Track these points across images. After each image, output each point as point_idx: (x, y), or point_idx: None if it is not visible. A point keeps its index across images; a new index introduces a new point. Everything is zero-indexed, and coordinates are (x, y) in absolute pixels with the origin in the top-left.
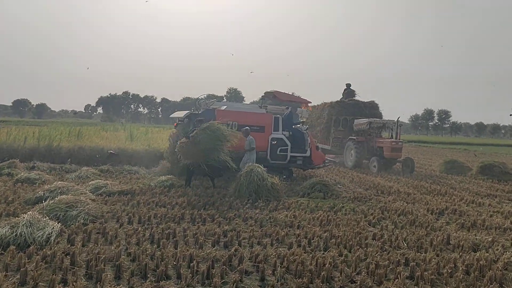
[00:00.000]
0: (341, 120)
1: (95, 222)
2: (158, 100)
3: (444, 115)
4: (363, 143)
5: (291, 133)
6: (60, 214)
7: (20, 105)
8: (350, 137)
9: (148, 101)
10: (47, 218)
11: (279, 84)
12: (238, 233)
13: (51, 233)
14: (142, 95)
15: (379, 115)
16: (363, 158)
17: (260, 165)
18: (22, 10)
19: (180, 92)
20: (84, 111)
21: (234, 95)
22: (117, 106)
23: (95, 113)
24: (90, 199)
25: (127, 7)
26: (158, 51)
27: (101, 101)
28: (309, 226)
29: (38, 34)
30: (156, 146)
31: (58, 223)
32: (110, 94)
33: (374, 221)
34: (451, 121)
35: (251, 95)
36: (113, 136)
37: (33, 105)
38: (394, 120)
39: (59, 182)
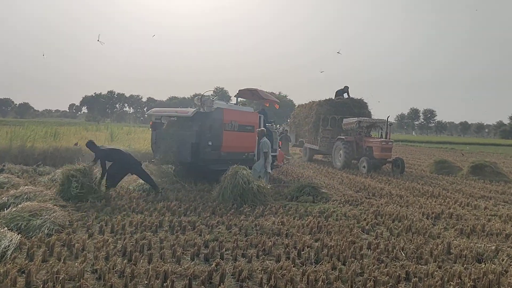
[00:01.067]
0: (329, 119)
1: (61, 233)
2: (144, 99)
3: (430, 114)
4: (352, 143)
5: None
6: (21, 223)
7: (3, 105)
8: (339, 136)
9: (133, 100)
10: (6, 228)
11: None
12: (220, 244)
13: (8, 246)
14: (127, 95)
15: (368, 114)
16: (352, 158)
17: (245, 167)
18: (3, 6)
19: (166, 92)
20: (68, 110)
21: (221, 94)
22: (102, 105)
23: (79, 112)
24: (60, 205)
25: (115, 4)
26: (146, 50)
27: (86, 101)
28: (298, 234)
29: (22, 32)
30: (138, 146)
31: (18, 234)
32: (95, 93)
33: (368, 227)
34: (436, 121)
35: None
36: (93, 136)
37: (16, 104)
38: (383, 119)
39: (25, 187)
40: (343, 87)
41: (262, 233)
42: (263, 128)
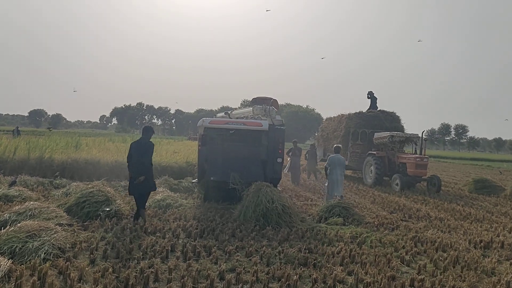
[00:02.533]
0: (359, 133)
1: (59, 257)
2: (172, 111)
3: (461, 130)
4: (384, 159)
5: None
6: (16, 246)
7: (36, 115)
8: (370, 151)
9: (162, 112)
10: None
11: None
12: (238, 275)
13: None
14: (156, 106)
15: (401, 129)
16: (383, 175)
17: (269, 184)
18: (36, 24)
19: (194, 104)
20: (99, 121)
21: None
22: (131, 117)
23: (110, 124)
24: (65, 224)
25: (140, 24)
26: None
27: (116, 112)
28: (328, 265)
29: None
30: (158, 159)
31: (9, 259)
32: (124, 105)
33: (408, 257)
34: (468, 136)
35: None
36: (117, 147)
37: (49, 115)
38: (417, 134)
39: (31, 203)
40: (368, 94)
41: (286, 261)
42: (339, 145)
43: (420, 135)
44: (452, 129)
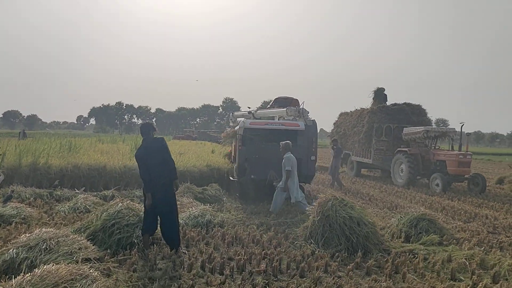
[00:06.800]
0: (384, 128)
1: None
2: (153, 110)
3: (442, 124)
4: (417, 156)
5: None
6: None
7: (11, 117)
8: (399, 148)
9: (142, 111)
10: None
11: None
12: None
13: None
14: (136, 106)
15: (428, 122)
16: (417, 174)
17: (336, 195)
18: (13, 21)
19: (175, 102)
20: (76, 122)
21: (230, 104)
22: (110, 116)
23: (87, 124)
24: (93, 259)
25: (121, 20)
26: (152, 63)
27: (94, 112)
28: None
29: (27, 44)
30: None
31: None
32: (103, 104)
33: None
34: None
35: (248, 104)
36: (113, 149)
37: (24, 116)
38: (454, 128)
39: (43, 230)
40: (376, 90)
41: None
42: (288, 142)
43: (458, 130)
44: (433, 124)
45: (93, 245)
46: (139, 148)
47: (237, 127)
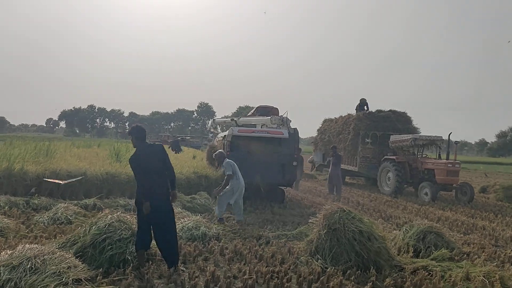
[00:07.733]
0: (369, 135)
1: None
2: (126, 114)
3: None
4: (405, 164)
5: None
6: None
7: None
8: (386, 156)
9: (115, 115)
10: None
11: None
12: None
13: None
14: (108, 109)
15: (414, 130)
16: (404, 182)
17: (342, 207)
18: None
19: (149, 107)
20: (45, 125)
21: (206, 109)
22: (81, 120)
23: (57, 127)
24: (83, 280)
25: (93, 19)
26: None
27: (64, 115)
28: None
29: None
30: None
31: None
32: (74, 107)
33: None
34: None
35: (223, 109)
36: (90, 154)
37: None
38: (441, 137)
39: (26, 247)
40: (359, 102)
41: None
42: (221, 150)
43: (444, 138)
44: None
45: (82, 263)
46: (135, 153)
47: (225, 133)
